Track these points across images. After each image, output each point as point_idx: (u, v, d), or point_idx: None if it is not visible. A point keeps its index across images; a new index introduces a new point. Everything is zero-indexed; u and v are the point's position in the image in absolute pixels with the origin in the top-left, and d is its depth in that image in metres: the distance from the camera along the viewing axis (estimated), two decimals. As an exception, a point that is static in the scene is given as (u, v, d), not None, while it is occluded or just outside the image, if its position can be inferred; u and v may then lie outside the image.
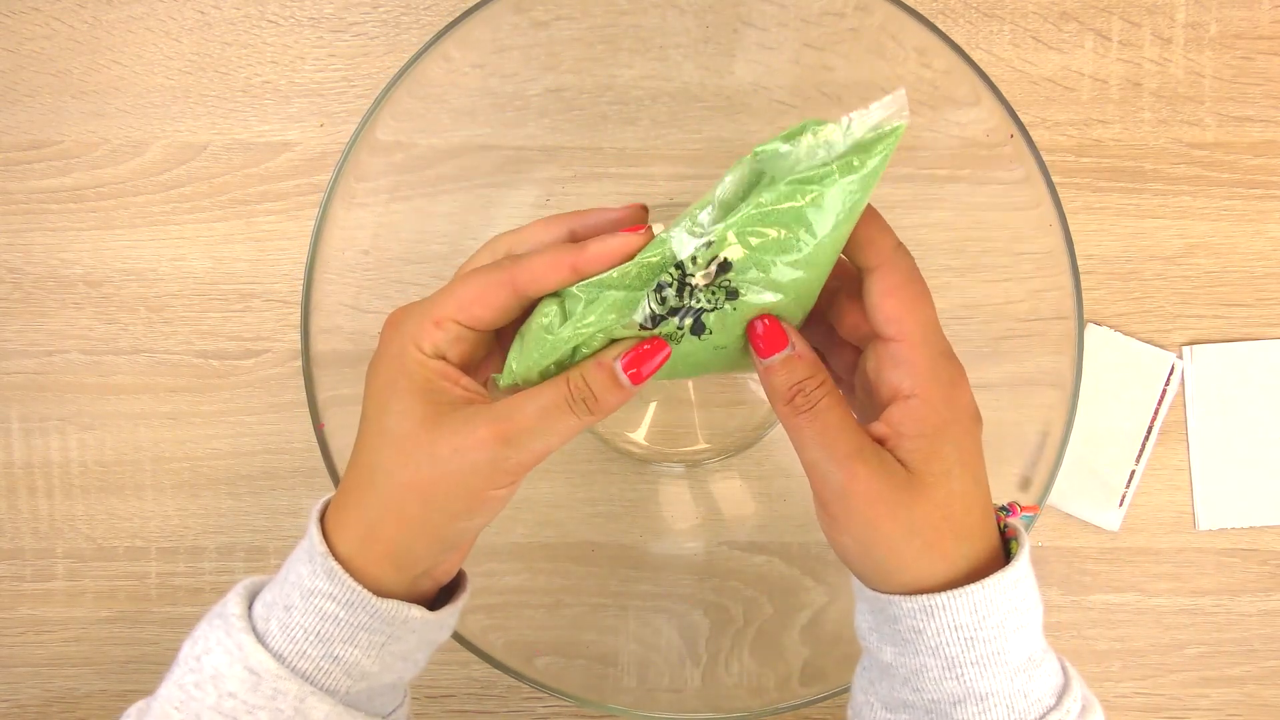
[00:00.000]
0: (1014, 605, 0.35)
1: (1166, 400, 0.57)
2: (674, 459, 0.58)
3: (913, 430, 0.35)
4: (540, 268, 0.35)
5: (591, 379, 0.35)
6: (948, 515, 0.35)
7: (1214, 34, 0.56)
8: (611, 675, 0.52)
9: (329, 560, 0.35)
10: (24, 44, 0.57)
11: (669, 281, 0.35)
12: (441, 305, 0.36)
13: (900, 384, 0.35)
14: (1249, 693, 0.57)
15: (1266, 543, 0.57)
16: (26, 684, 0.58)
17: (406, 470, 0.35)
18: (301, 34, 0.56)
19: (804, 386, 0.35)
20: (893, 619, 0.35)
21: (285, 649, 0.35)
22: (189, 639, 0.36)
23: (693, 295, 0.35)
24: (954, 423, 0.35)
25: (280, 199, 0.57)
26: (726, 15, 0.51)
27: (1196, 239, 0.56)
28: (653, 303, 0.35)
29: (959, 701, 0.35)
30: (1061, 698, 0.35)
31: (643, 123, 0.54)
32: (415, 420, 0.35)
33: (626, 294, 0.35)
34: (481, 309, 0.35)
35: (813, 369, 0.36)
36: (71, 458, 0.58)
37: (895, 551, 0.34)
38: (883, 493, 0.34)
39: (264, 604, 0.36)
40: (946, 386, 0.35)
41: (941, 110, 0.48)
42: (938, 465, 0.34)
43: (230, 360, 0.57)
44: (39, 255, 0.57)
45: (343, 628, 0.35)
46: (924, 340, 0.35)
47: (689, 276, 0.35)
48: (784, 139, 0.34)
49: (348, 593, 0.35)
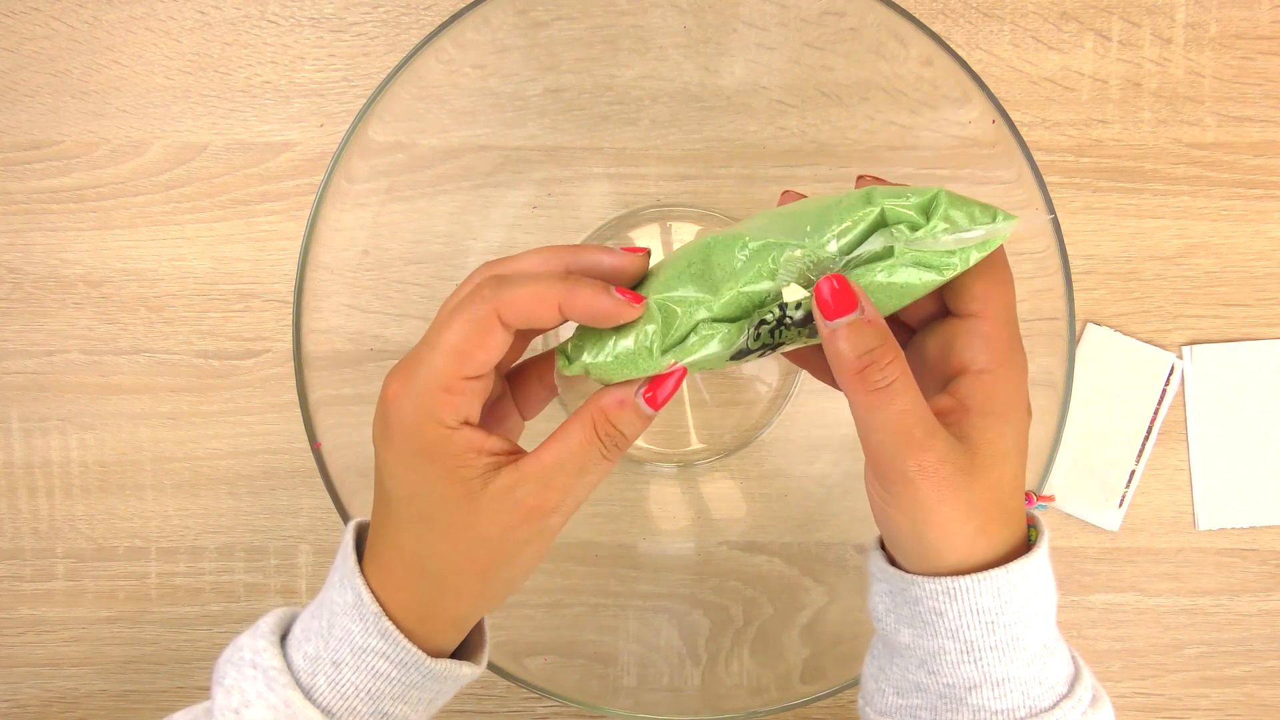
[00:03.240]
0: (1034, 591, 0.35)
1: (1166, 400, 0.57)
2: (670, 459, 0.58)
3: (982, 406, 0.34)
4: (527, 300, 0.34)
5: (618, 420, 0.34)
6: (998, 499, 0.34)
7: (1214, 34, 0.56)
8: (611, 675, 0.52)
9: (383, 620, 0.35)
10: (24, 44, 0.57)
11: (770, 320, 0.34)
12: (445, 366, 0.34)
13: (975, 358, 0.35)
14: (1249, 693, 0.57)
15: (1266, 543, 0.57)
16: (26, 684, 0.58)
17: (458, 554, 0.35)
18: (301, 34, 0.56)
19: (876, 358, 0.33)
20: (914, 600, 0.35)
21: (335, 706, 0.35)
22: (219, 686, 0.35)
23: (784, 333, 0.34)
24: (1017, 406, 0.35)
25: (280, 199, 0.57)
26: (726, 15, 0.51)
27: (1196, 239, 0.56)
28: (749, 339, 0.34)
29: (975, 686, 0.35)
30: (1074, 686, 0.35)
31: (642, 123, 0.54)
32: (454, 505, 0.34)
33: (731, 328, 0.34)
34: (484, 353, 0.34)
35: (882, 336, 0.34)
36: (71, 458, 0.58)
37: (948, 534, 0.34)
38: (949, 477, 0.33)
39: (304, 656, 0.35)
40: (1018, 369, 0.35)
41: (941, 109, 0.48)
42: (1000, 446, 0.34)
43: (230, 360, 0.57)
44: (39, 255, 0.57)
45: (395, 686, 0.35)
46: (1006, 320, 0.35)
47: (788, 316, 0.34)
48: (917, 208, 0.33)
49: (403, 654, 0.35)
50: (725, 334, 0.34)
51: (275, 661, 0.35)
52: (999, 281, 0.35)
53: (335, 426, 0.46)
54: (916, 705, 0.36)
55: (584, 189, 0.55)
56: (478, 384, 0.35)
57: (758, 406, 0.57)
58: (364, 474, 0.37)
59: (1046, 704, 0.35)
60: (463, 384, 0.34)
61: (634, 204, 0.56)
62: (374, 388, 0.36)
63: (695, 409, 0.57)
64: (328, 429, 0.46)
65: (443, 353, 0.34)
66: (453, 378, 0.34)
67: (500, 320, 0.34)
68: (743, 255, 0.35)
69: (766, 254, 0.34)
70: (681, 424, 0.58)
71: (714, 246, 0.35)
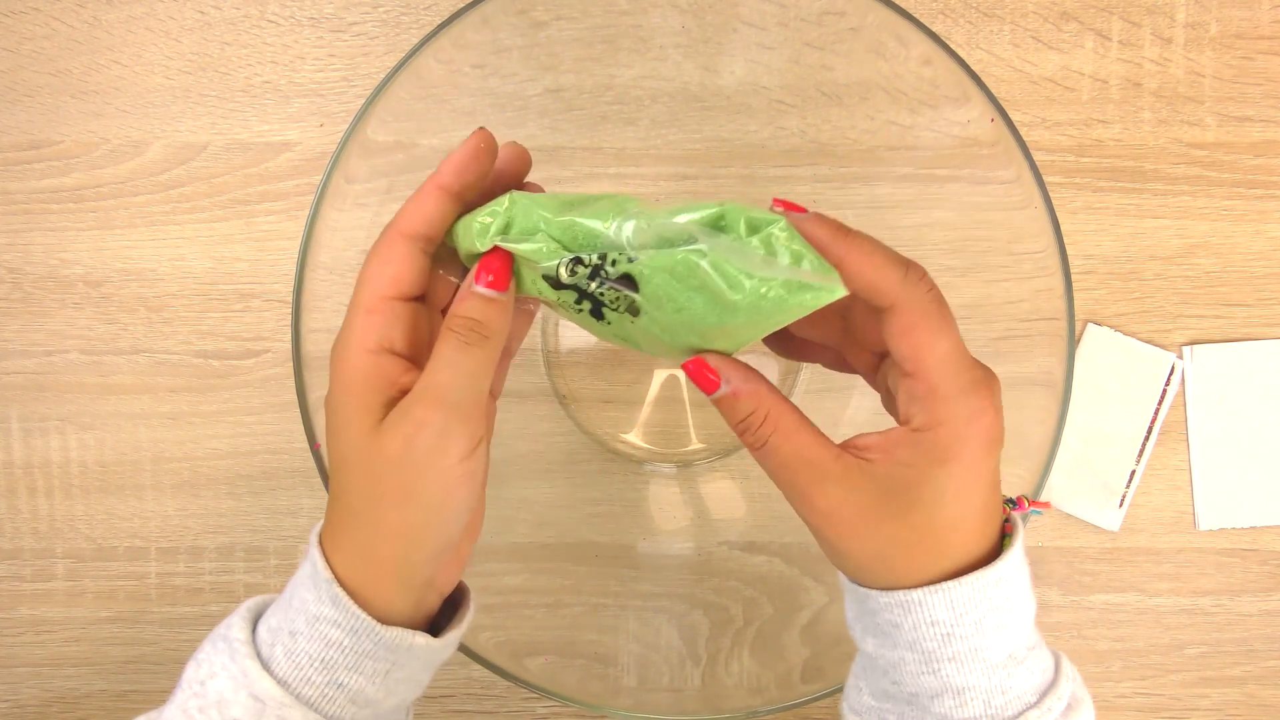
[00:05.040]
0: (995, 604, 0.34)
1: (1166, 400, 0.57)
2: (669, 459, 0.58)
3: (906, 458, 0.34)
4: (411, 206, 0.36)
5: (466, 310, 0.35)
6: (923, 537, 0.34)
7: (1214, 34, 0.56)
8: (611, 675, 0.52)
9: (334, 587, 0.35)
10: (24, 44, 0.57)
11: (586, 262, 0.34)
12: (360, 292, 0.35)
13: (912, 416, 0.34)
14: (1249, 693, 0.57)
15: (1266, 543, 0.57)
16: (26, 684, 0.58)
17: (371, 482, 0.35)
18: (301, 34, 0.56)
19: (749, 424, 0.35)
20: (872, 611, 0.35)
21: (290, 675, 0.35)
22: (193, 660, 0.36)
23: (600, 286, 0.35)
24: (958, 458, 0.34)
25: (280, 199, 0.57)
26: (726, 15, 0.51)
27: (1196, 239, 0.56)
28: (563, 268, 0.35)
29: (937, 695, 0.35)
30: (1044, 695, 0.35)
31: (642, 123, 0.54)
32: (363, 434, 0.35)
33: (557, 247, 0.35)
34: (392, 267, 0.35)
35: (754, 403, 0.35)
36: (71, 458, 0.58)
37: (863, 567, 0.35)
38: (849, 519, 0.34)
39: (268, 628, 0.36)
40: (961, 422, 0.34)
41: (941, 109, 0.48)
42: (925, 493, 0.34)
43: (230, 360, 0.57)
44: (39, 255, 0.57)
45: (347, 655, 0.35)
46: (941, 377, 0.34)
47: (603, 270, 0.34)
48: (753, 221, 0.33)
49: (353, 620, 0.35)
50: (550, 249, 0.35)
51: (241, 634, 0.36)
52: (927, 334, 0.34)
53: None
54: (887, 710, 0.37)
55: (583, 189, 0.55)
56: (400, 306, 0.35)
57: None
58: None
59: (1009, 714, 0.34)
60: (381, 303, 0.35)
61: (634, 204, 0.56)
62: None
63: (695, 409, 0.57)
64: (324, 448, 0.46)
65: (360, 285, 0.36)
66: (372, 298, 0.35)
67: (401, 233, 0.35)
68: (607, 203, 0.35)
69: (621, 206, 0.35)
70: (681, 424, 0.58)
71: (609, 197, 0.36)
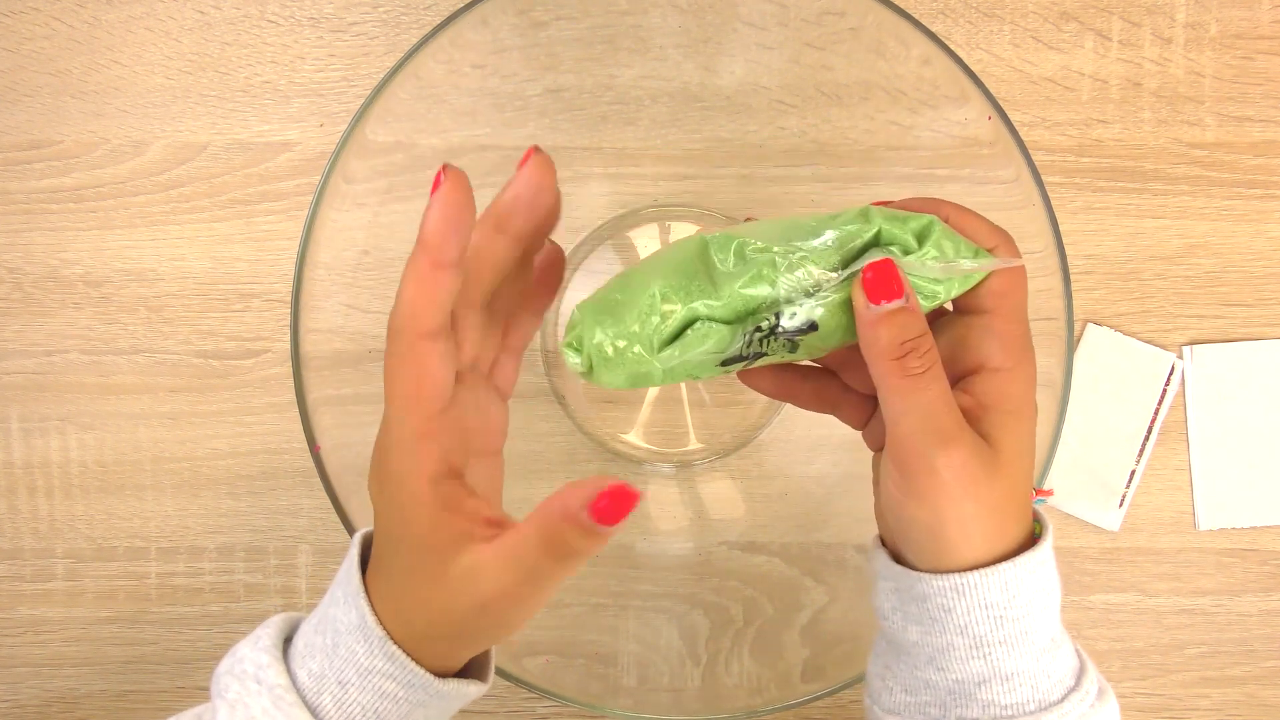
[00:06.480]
0: (1041, 585, 0.35)
1: (1166, 400, 0.57)
2: (668, 459, 0.58)
3: (1001, 404, 0.34)
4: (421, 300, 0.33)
5: (566, 535, 0.31)
6: (1015, 496, 0.34)
7: (1214, 34, 0.56)
8: (611, 675, 0.52)
9: (389, 645, 0.34)
10: (24, 44, 0.57)
11: (764, 328, 0.34)
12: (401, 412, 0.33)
13: (992, 356, 0.35)
14: (1249, 693, 0.57)
15: (1266, 543, 0.57)
16: (26, 684, 0.58)
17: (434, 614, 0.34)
18: (301, 34, 0.56)
19: (916, 346, 0.33)
20: (921, 597, 0.35)
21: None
22: (222, 699, 0.35)
23: (770, 344, 0.34)
24: (1030, 404, 0.35)
25: (280, 199, 0.57)
26: (726, 15, 0.51)
27: (1196, 239, 0.56)
28: (743, 345, 0.34)
29: (984, 681, 0.35)
30: (1080, 679, 0.35)
31: (642, 123, 0.54)
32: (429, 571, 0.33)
33: (726, 330, 0.34)
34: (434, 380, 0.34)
35: (923, 327, 0.34)
36: (71, 458, 0.58)
37: (967, 531, 0.34)
38: (975, 473, 0.33)
39: (310, 675, 0.35)
40: (1031, 368, 0.35)
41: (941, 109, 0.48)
42: (1017, 445, 0.34)
43: (230, 360, 0.57)
44: (39, 255, 0.57)
45: (400, 705, 0.35)
46: (1020, 319, 0.35)
47: (781, 326, 0.34)
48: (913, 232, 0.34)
49: (410, 675, 0.34)
50: (721, 335, 0.34)
51: (281, 679, 0.34)
52: (1014, 280, 0.35)
53: (334, 426, 0.46)
54: (926, 702, 0.36)
55: (583, 189, 0.55)
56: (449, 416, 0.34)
57: (756, 406, 0.57)
58: (363, 474, 0.36)
59: (1055, 697, 0.35)
60: (433, 424, 0.34)
61: (633, 204, 0.56)
62: (373, 388, 0.36)
63: (694, 409, 0.57)
64: (326, 429, 0.46)
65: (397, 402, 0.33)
66: (424, 422, 0.33)
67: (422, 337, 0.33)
68: (742, 257, 0.34)
69: (767, 258, 0.34)
70: (680, 424, 0.58)
71: (711, 245, 0.35)
